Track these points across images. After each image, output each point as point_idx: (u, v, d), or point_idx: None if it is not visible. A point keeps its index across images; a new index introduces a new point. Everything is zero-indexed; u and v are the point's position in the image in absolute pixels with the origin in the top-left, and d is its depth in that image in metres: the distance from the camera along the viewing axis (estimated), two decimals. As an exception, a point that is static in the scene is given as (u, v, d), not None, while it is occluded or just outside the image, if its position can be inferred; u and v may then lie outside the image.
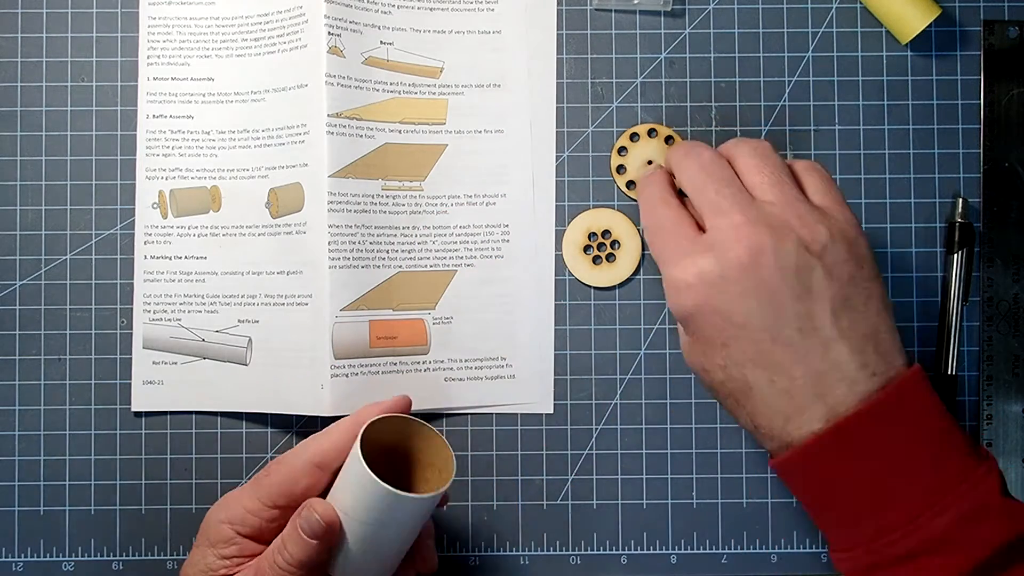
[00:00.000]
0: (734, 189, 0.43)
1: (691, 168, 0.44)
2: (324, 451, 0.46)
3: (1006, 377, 0.56)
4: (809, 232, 0.41)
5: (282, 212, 0.55)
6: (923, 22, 0.55)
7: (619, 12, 0.57)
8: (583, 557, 0.56)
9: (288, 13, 0.55)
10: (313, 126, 0.54)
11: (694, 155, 0.45)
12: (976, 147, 0.57)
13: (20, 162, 0.57)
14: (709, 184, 0.43)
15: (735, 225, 0.41)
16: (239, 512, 0.46)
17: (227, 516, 0.46)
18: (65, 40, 0.57)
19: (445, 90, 0.57)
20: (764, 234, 0.41)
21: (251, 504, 0.45)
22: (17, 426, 0.56)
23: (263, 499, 0.45)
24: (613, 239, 0.56)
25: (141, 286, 0.56)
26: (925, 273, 0.57)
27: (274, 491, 0.45)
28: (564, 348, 0.57)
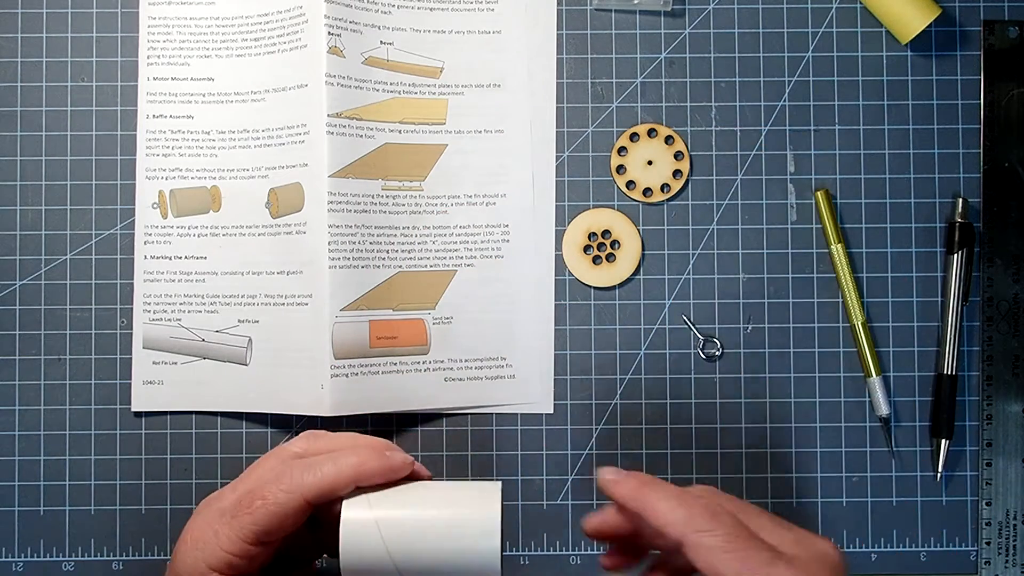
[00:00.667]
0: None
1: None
2: (321, 492, 0.41)
3: (1006, 377, 0.56)
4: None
5: (282, 212, 0.55)
6: (923, 22, 0.55)
7: (619, 12, 0.57)
8: (583, 557, 0.56)
9: (288, 13, 0.55)
10: (313, 126, 0.54)
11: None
12: (976, 147, 0.57)
13: (20, 162, 0.57)
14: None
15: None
16: (221, 557, 0.40)
17: (209, 564, 0.40)
18: (65, 40, 0.57)
19: (445, 90, 0.57)
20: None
21: (233, 546, 0.40)
22: (17, 426, 0.56)
23: (247, 539, 0.40)
24: (613, 239, 0.56)
25: (141, 286, 0.56)
26: (925, 273, 0.57)
27: (260, 530, 0.40)
28: (564, 348, 0.57)
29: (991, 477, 0.56)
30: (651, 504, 0.40)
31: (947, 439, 0.56)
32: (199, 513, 0.42)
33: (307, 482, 0.40)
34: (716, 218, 0.57)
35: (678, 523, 0.39)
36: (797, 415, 0.56)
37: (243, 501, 0.41)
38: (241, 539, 0.40)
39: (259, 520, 0.40)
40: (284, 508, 0.40)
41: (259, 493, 0.40)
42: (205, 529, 0.41)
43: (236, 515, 0.40)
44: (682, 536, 0.39)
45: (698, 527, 0.39)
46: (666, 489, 0.40)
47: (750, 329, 0.57)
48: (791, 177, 0.57)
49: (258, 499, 0.40)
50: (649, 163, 0.57)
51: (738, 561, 0.38)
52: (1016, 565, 0.56)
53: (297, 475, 0.41)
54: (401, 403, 0.56)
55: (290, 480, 0.40)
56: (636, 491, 0.40)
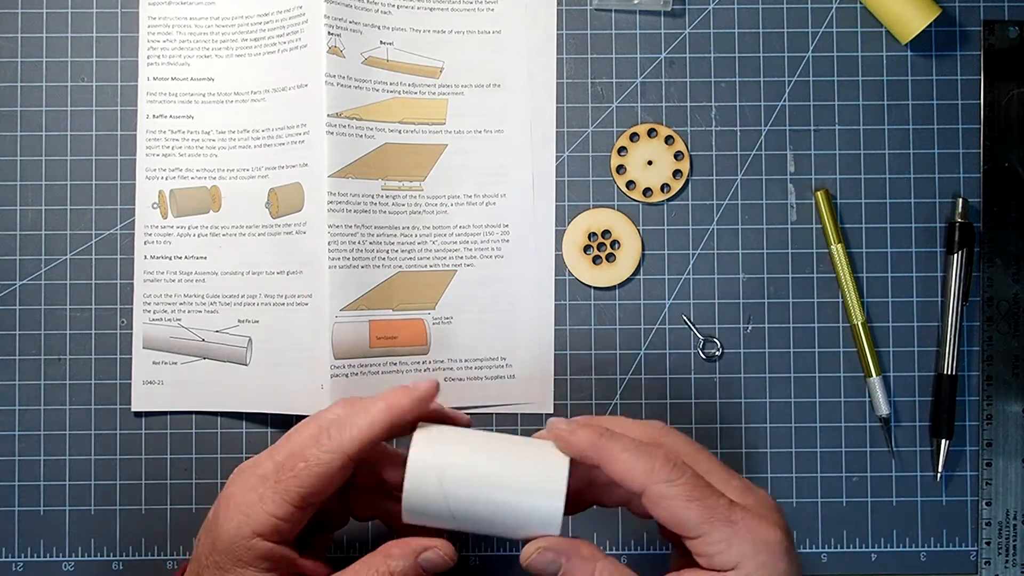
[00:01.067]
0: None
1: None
2: (361, 445, 0.41)
3: (1006, 377, 0.56)
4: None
5: (282, 212, 0.55)
6: (923, 22, 0.55)
7: (619, 12, 0.57)
8: (583, 557, 0.56)
9: (288, 13, 0.55)
10: (313, 126, 0.54)
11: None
12: (976, 147, 0.57)
13: (20, 162, 0.57)
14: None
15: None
16: (267, 521, 0.40)
17: (254, 529, 0.40)
18: (65, 40, 0.57)
19: (445, 90, 0.57)
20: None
21: (279, 510, 0.40)
22: (17, 426, 0.56)
23: (292, 501, 0.40)
24: (613, 239, 0.56)
25: (141, 286, 0.56)
26: (925, 273, 0.57)
27: (305, 492, 0.40)
28: (564, 348, 0.57)
29: (991, 477, 0.56)
30: (611, 456, 0.39)
31: (947, 439, 0.56)
32: (235, 481, 0.42)
33: (345, 438, 0.41)
34: (716, 218, 0.57)
35: (639, 474, 0.39)
36: (797, 415, 0.56)
37: (285, 465, 0.41)
38: (287, 502, 0.40)
39: (304, 482, 0.40)
40: (327, 468, 0.40)
41: (301, 456, 0.41)
42: (248, 495, 0.41)
43: (280, 479, 0.40)
44: (643, 487, 0.39)
45: (659, 478, 0.38)
46: (624, 440, 0.40)
47: (750, 329, 0.57)
48: (791, 177, 0.57)
49: (300, 462, 0.40)
50: (649, 163, 0.57)
51: (701, 510, 0.38)
52: (1016, 565, 0.56)
53: (335, 433, 0.41)
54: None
55: (328, 439, 0.41)
56: (595, 442, 0.40)
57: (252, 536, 0.40)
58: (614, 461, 0.39)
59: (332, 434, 0.41)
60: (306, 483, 0.40)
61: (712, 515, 0.38)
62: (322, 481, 0.41)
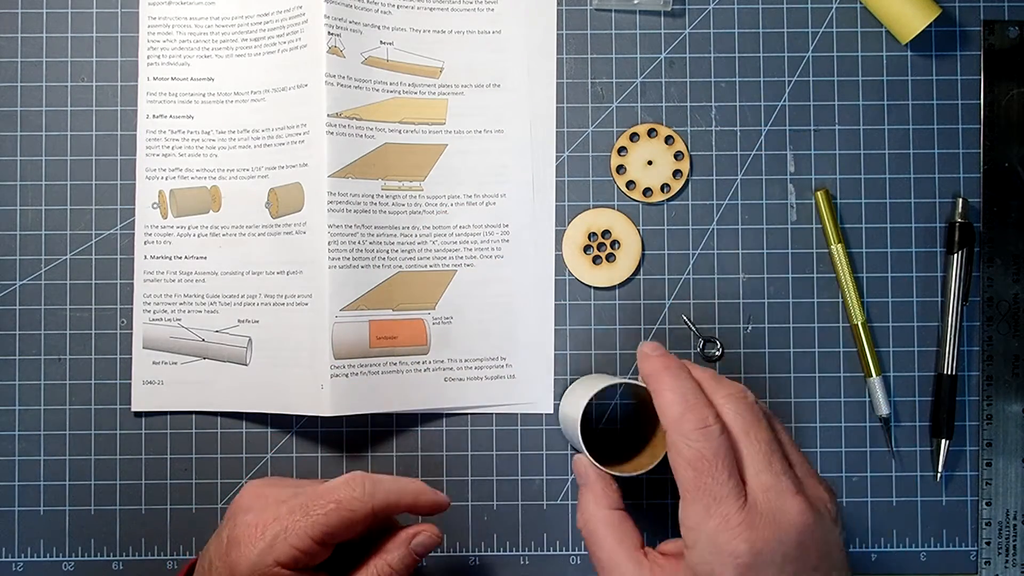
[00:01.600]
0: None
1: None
2: (388, 504, 0.45)
3: (1006, 377, 0.56)
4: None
5: (282, 212, 0.55)
6: (923, 22, 0.55)
7: (619, 12, 0.57)
8: (583, 557, 0.56)
9: (288, 13, 0.55)
10: (313, 126, 0.54)
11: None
12: (976, 147, 0.57)
13: (20, 162, 0.57)
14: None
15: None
16: (290, 553, 0.43)
17: (277, 559, 0.43)
18: (65, 40, 0.57)
19: (445, 90, 0.57)
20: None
21: (302, 544, 0.43)
22: (17, 426, 0.56)
23: (317, 538, 0.43)
24: (613, 239, 0.57)
25: (141, 286, 0.56)
26: (925, 273, 0.57)
27: (329, 532, 0.43)
28: (564, 348, 0.57)
29: (991, 477, 0.56)
30: (660, 389, 0.43)
31: (947, 439, 0.56)
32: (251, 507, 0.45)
33: (378, 496, 0.45)
34: (716, 218, 0.57)
35: (670, 416, 0.42)
36: (797, 415, 0.57)
37: (315, 502, 0.44)
38: (311, 537, 0.43)
39: (332, 522, 0.43)
40: (355, 514, 0.44)
41: (332, 497, 0.44)
42: (270, 524, 0.44)
43: (308, 514, 0.43)
44: (667, 428, 0.42)
45: (682, 431, 0.41)
46: (679, 380, 0.43)
47: (750, 329, 0.57)
48: (791, 177, 0.57)
49: (332, 502, 0.44)
50: (649, 163, 0.57)
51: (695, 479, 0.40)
52: (1016, 565, 0.56)
53: (369, 484, 0.45)
54: (401, 403, 0.56)
55: (362, 489, 0.45)
56: (654, 372, 0.43)
57: (274, 565, 0.43)
58: (659, 394, 0.43)
59: (367, 485, 0.45)
60: (334, 523, 0.43)
61: (697, 492, 0.40)
62: (346, 524, 0.44)
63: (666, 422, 0.42)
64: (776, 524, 0.40)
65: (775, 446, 0.42)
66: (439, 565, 0.56)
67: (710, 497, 0.40)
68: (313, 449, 0.56)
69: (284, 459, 0.56)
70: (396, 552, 0.46)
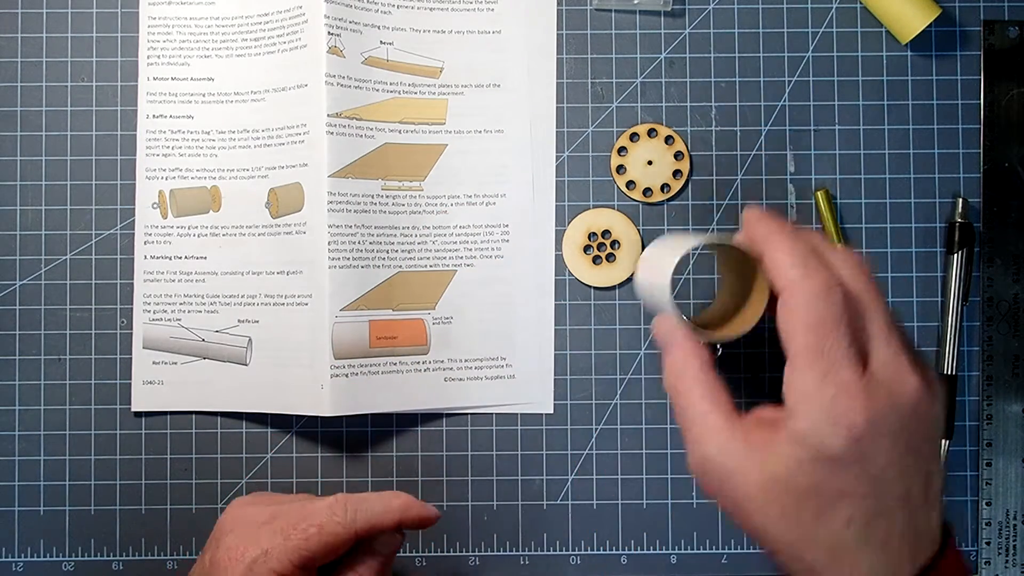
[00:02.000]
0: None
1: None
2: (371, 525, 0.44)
3: (1006, 377, 0.57)
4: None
5: (282, 212, 0.55)
6: (923, 22, 0.55)
7: (619, 12, 0.58)
8: (583, 557, 0.56)
9: (288, 13, 0.56)
10: (313, 126, 0.54)
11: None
12: (976, 147, 0.57)
13: (20, 162, 0.57)
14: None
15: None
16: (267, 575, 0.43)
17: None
18: (65, 40, 0.57)
19: (445, 90, 0.57)
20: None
21: (282, 568, 0.43)
22: (17, 426, 0.56)
23: (296, 562, 0.43)
24: (613, 239, 0.57)
25: (141, 286, 0.56)
26: (925, 273, 0.57)
27: (309, 556, 0.43)
28: (564, 348, 0.57)
29: (991, 477, 0.56)
30: (774, 251, 0.40)
31: (947, 439, 0.56)
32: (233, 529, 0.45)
33: (360, 518, 0.44)
34: (716, 218, 0.57)
35: (788, 279, 0.39)
36: (797, 415, 0.57)
37: (296, 526, 0.43)
38: (291, 562, 0.43)
39: (313, 547, 0.43)
40: (337, 539, 0.44)
41: (313, 521, 0.44)
42: (249, 548, 0.43)
43: (289, 538, 0.43)
44: (785, 293, 0.39)
45: (805, 292, 0.38)
46: (796, 242, 0.40)
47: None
48: (791, 177, 0.57)
49: (313, 527, 0.43)
50: (649, 163, 0.57)
51: (809, 338, 0.38)
52: (1016, 565, 0.56)
53: (351, 508, 0.44)
54: (401, 403, 0.56)
55: (344, 514, 0.44)
56: (767, 232, 0.41)
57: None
58: (773, 257, 0.40)
59: (348, 508, 0.44)
60: (314, 548, 0.43)
61: (819, 356, 0.38)
62: (327, 549, 0.43)
63: (782, 284, 0.39)
64: (893, 397, 0.38)
65: (894, 320, 0.40)
66: (439, 565, 0.56)
67: (829, 363, 0.38)
68: (313, 449, 0.57)
69: (284, 459, 0.56)
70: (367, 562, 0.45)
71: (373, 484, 0.57)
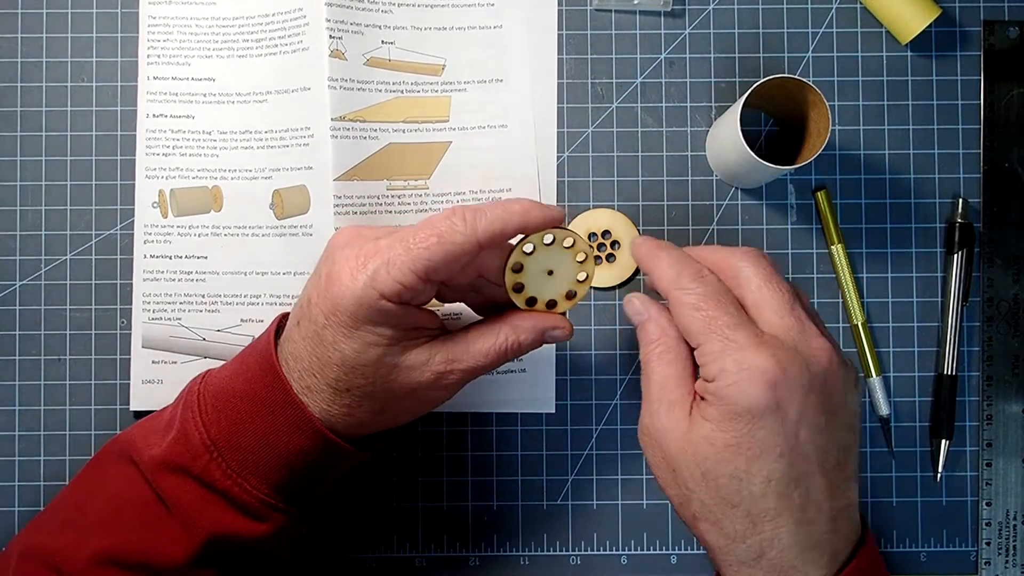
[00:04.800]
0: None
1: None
2: (492, 235, 0.43)
3: (1006, 377, 0.57)
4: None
5: (288, 214, 0.56)
6: (923, 22, 0.56)
7: (619, 12, 0.59)
8: (583, 557, 0.57)
9: (289, 15, 0.57)
10: (317, 130, 0.55)
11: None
12: (976, 147, 0.58)
13: (20, 162, 0.58)
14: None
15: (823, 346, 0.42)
16: (393, 287, 0.42)
17: (380, 291, 0.42)
18: (65, 40, 0.58)
19: (448, 87, 0.58)
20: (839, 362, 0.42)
21: (404, 278, 0.42)
22: (17, 426, 0.57)
23: (418, 272, 0.42)
24: (613, 239, 0.58)
25: (140, 285, 0.57)
26: (925, 273, 0.58)
27: (431, 266, 0.42)
28: (564, 348, 0.58)
29: (991, 477, 0.57)
30: (654, 264, 0.44)
31: (947, 439, 0.57)
32: (348, 244, 0.44)
33: (480, 225, 0.43)
34: (716, 218, 0.58)
35: (666, 280, 0.44)
36: (797, 415, 0.57)
37: (417, 236, 0.43)
38: (412, 272, 0.42)
39: (434, 256, 0.42)
40: (459, 248, 0.43)
41: (432, 230, 0.43)
42: (369, 261, 0.43)
43: (409, 248, 0.43)
44: (667, 292, 0.43)
45: (679, 285, 0.43)
46: (672, 251, 0.45)
47: (750, 329, 0.58)
48: (791, 177, 0.58)
49: (433, 236, 0.43)
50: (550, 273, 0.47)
51: (703, 321, 0.42)
52: (1016, 565, 0.57)
53: (470, 218, 0.43)
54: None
55: (463, 223, 0.43)
56: (649, 251, 0.45)
57: (379, 298, 0.43)
58: (655, 268, 0.44)
59: (468, 218, 0.43)
60: (435, 257, 0.42)
61: (710, 328, 0.41)
62: (449, 259, 0.43)
63: (664, 287, 0.44)
64: (801, 355, 0.41)
65: (796, 296, 0.43)
66: (439, 565, 0.57)
67: (725, 327, 0.41)
68: (313, 449, 0.57)
69: (284, 459, 0.57)
70: (529, 335, 0.46)
71: (373, 484, 0.58)
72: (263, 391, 0.45)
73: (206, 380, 0.47)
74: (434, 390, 0.46)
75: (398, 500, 0.58)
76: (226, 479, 0.44)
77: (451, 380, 0.46)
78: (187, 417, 0.45)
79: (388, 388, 0.45)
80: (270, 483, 0.45)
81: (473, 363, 0.45)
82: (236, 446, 0.44)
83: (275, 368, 0.45)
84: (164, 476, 0.44)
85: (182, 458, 0.44)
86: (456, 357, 0.45)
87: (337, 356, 0.44)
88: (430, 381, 0.45)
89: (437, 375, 0.45)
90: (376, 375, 0.44)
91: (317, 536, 0.57)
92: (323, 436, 0.45)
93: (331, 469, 0.47)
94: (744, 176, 0.55)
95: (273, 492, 0.45)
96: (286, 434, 0.44)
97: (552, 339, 0.47)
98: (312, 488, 0.47)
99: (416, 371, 0.45)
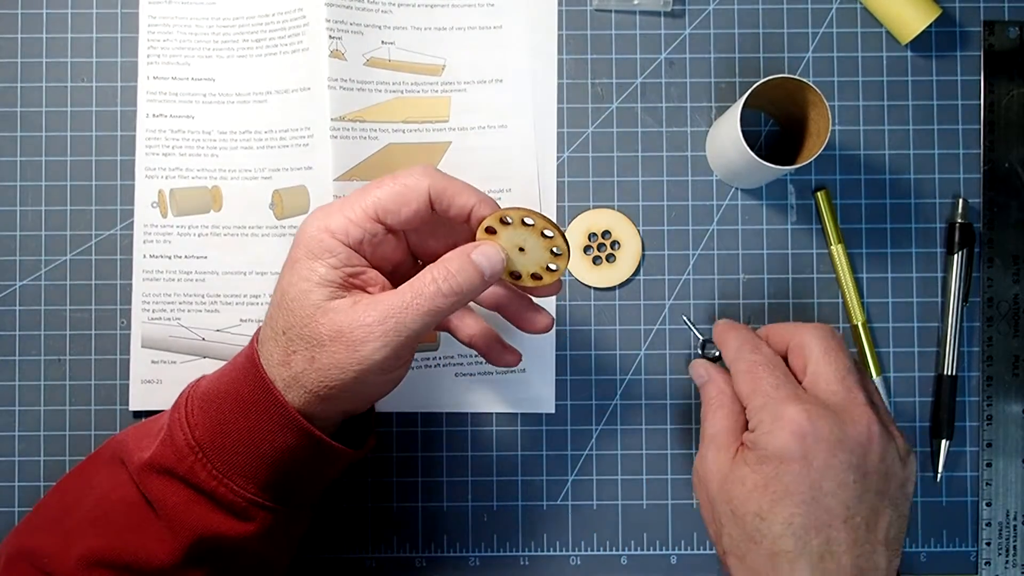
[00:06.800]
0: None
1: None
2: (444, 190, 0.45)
3: (1006, 377, 0.58)
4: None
5: (287, 214, 0.57)
6: (923, 22, 0.56)
7: (619, 12, 0.59)
8: (583, 557, 0.58)
9: (289, 15, 0.57)
10: (317, 130, 0.56)
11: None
12: (976, 147, 0.59)
13: (20, 163, 0.59)
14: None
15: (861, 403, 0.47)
16: (341, 222, 0.44)
17: (327, 225, 0.44)
18: (65, 41, 0.59)
19: (447, 87, 0.59)
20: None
21: (355, 215, 0.44)
22: (17, 426, 0.58)
23: (368, 211, 0.44)
24: (613, 239, 0.58)
25: (140, 285, 0.58)
26: (925, 273, 0.59)
27: (382, 206, 0.44)
28: (564, 349, 0.58)
29: (991, 478, 0.58)
30: (725, 340, 0.51)
31: (947, 440, 0.57)
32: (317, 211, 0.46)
33: (435, 176, 0.45)
34: (716, 218, 0.59)
35: (730, 351, 0.50)
36: (797, 415, 0.58)
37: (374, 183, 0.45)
38: (362, 208, 0.44)
39: (384, 195, 0.44)
40: (408, 189, 0.44)
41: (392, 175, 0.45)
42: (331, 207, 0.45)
43: (363, 192, 0.45)
44: (729, 361, 0.50)
45: (740, 356, 0.49)
46: (739, 330, 0.51)
47: (750, 329, 0.58)
48: (791, 177, 0.59)
49: (389, 179, 0.45)
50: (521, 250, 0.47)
51: (752, 381, 0.48)
52: (1016, 566, 0.58)
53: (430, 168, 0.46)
54: (408, 402, 0.57)
55: (423, 170, 0.45)
56: (722, 331, 0.52)
57: (325, 231, 0.44)
58: (724, 344, 0.51)
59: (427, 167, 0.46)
60: (385, 196, 0.44)
61: (758, 387, 0.47)
62: (399, 199, 0.44)
63: (728, 357, 0.50)
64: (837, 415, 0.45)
65: (854, 370, 0.48)
66: (439, 565, 0.58)
67: (770, 387, 0.47)
68: (313, 449, 0.58)
69: (284, 459, 0.57)
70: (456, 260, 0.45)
71: (373, 484, 0.58)
72: (246, 390, 0.45)
73: (197, 383, 0.48)
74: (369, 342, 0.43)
75: (398, 500, 0.58)
76: (211, 479, 0.45)
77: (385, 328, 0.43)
78: (174, 419, 0.46)
79: (315, 331, 0.43)
80: (257, 482, 0.45)
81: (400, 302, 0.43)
82: (221, 447, 0.45)
83: (256, 366, 0.45)
84: (151, 478, 0.45)
85: (168, 460, 0.45)
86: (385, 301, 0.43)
87: (278, 294, 0.45)
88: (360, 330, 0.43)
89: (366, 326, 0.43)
90: (303, 313, 0.43)
91: (317, 536, 0.58)
92: (307, 433, 0.45)
93: (320, 467, 0.47)
94: (744, 176, 0.55)
95: (260, 491, 0.46)
96: (270, 432, 0.45)
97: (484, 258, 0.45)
98: (302, 486, 0.47)
99: (341, 314, 0.43)
